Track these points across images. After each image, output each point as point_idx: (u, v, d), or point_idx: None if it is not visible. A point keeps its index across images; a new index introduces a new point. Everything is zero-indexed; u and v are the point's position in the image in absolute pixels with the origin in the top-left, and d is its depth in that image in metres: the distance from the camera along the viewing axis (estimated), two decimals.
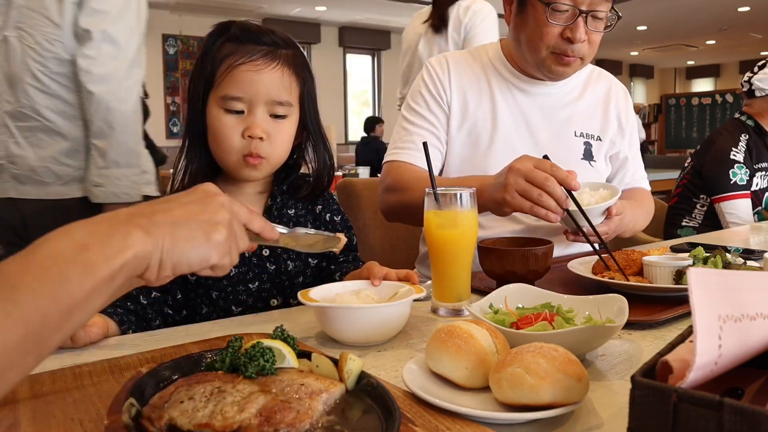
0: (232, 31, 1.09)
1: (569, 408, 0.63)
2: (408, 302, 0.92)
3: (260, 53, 1.06)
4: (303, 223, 1.20)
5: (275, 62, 1.07)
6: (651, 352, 0.80)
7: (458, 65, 1.60)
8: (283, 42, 1.10)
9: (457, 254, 1.06)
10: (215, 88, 1.07)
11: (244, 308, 1.13)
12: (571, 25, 1.38)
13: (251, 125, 1.06)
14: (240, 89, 1.05)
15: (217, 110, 1.07)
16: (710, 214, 2.57)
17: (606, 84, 1.67)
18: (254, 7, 9.41)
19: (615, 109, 1.65)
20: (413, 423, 0.63)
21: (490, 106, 1.55)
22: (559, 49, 1.42)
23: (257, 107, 1.06)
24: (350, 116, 11.68)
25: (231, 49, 1.07)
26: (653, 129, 11.77)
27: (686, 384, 0.44)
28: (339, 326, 0.89)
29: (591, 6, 1.37)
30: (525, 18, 1.45)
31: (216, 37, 1.10)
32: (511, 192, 1.20)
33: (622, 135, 1.66)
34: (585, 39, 1.40)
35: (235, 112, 1.06)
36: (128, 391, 0.60)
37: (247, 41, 1.07)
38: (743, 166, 2.52)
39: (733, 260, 1.18)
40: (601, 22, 1.42)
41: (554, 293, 0.95)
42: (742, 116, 2.67)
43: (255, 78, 1.05)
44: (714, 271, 0.48)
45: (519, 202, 1.19)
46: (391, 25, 10.78)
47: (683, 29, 11.76)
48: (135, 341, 0.95)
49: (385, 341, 0.92)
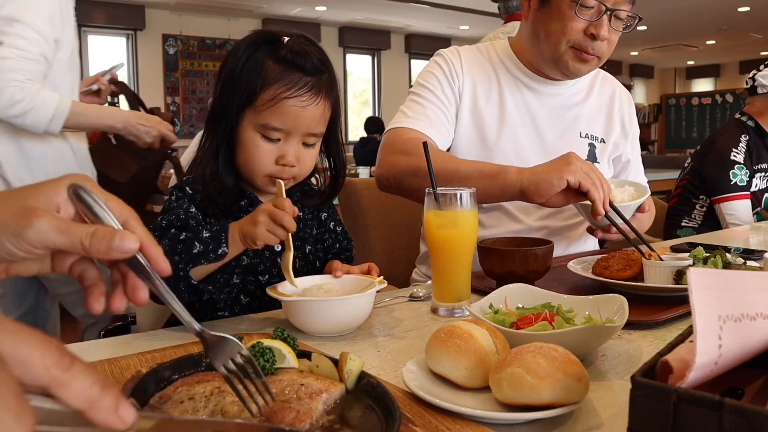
0: (282, 52, 1.06)
1: (569, 408, 0.63)
2: (371, 294, 0.97)
3: (306, 87, 1.06)
4: (309, 226, 1.21)
5: (318, 97, 1.07)
6: (651, 352, 0.81)
7: (470, 58, 1.60)
8: (323, 64, 1.09)
9: (457, 254, 1.06)
10: (255, 111, 1.06)
11: (251, 299, 1.14)
12: (595, 22, 1.39)
13: (286, 154, 1.08)
14: (283, 123, 1.06)
15: (253, 133, 1.07)
16: (710, 215, 2.57)
17: (611, 87, 1.69)
18: (254, 7, 9.40)
19: (619, 113, 1.66)
20: (413, 423, 0.63)
21: (498, 101, 1.56)
22: (580, 45, 1.42)
23: (294, 138, 1.08)
24: (350, 116, 11.68)
25: (277, 74, 1.05)
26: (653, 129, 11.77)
27: (686, 384, 0.44)
28: (304, 318, 0.94)
29: (615, 5, 1.39)
30: (548, 12, 1.45)
31: (257, 48, 1.07)
32: (575, 168, 1.21)
33: (626, 138, 1.68)
34: (607, 37, 1.41)
35: (272, 141, 1.08)
36: (128, 392, 0.60)
37: (295, 66, 1.06)
38: (743, 167, 2.52)
39: (733, 260, 1.18)
40: (621, 22, 1.43)
41: (554, 293, 0.95)
42: (743, 117, 2.67)
43: (299, 113, 1.06)
44: (714, 271, 0.48)
45: (582, 176, 1.20)
46: (391, 25, 10.78)
47: (683, 29, 11.75)
48: (135, 341, 0.95)
49: (350, 331, 0.97)
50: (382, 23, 10.87)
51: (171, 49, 9.37)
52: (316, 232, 1.23)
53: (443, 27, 10.88)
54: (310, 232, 1.21)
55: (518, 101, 1.56)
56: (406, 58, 11.83)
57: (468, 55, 1.60)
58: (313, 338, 0.94)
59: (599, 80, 1.68)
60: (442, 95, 1.54)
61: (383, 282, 1.00)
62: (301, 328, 0.95)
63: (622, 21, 1.43)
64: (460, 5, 9.08)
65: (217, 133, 1.10)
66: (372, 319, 1.04)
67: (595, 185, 1.20)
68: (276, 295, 0.96)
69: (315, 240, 1.22)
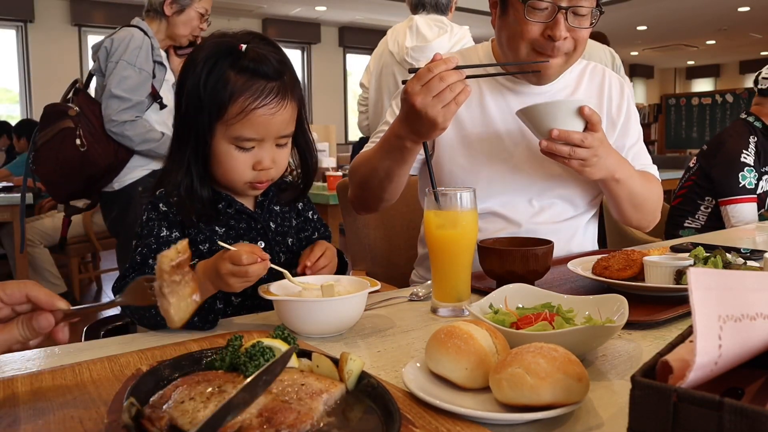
0: (243, 62, 1.06)
1: (569, 408, 0.63)
2: (362, 295, 0.97)
3: (272, 93, 1.06)
4: (288, 218, 1.23)
5: (285, 100, 1.08)
6: (651, 352, 0.81)
7: None
8: (283, 66, 1.09)
9: (457, 254, 1.06)
10: (226, 125, 1.06)
11: (243, 298, 1.14)
12: (550, 23, 1.35)
13: (262, 159, 1.09)
14: (255, 132, 1.07)
15: (227, 146, 1.08)
16: (713, 216, 2.55)
17: (599, 78, 1.63)
18: (254, 7, 9.40)
19: (607, 102, 1.60)
20: (413, 424, 0.63)
21: (478, 105, 1.54)
22: (541, 48, 1.39)
23: (267, 143, 1.09)
24: (350, 116, 11.67)
25: (241, 85, 1.05)
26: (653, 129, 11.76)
27: (686, 384, 0.44)
28: (295, 318, 0.94)
29: (572, 2, 1.34)
30: (506, 19, 1.43)
31: (217, 60, 1.06)
32: (418, 99, 1.16)
33: (613, 127, 1.60)
34: (566, 36, 1.36)
35: (247, 150, 1.08)
36: (128, 391, 0.60)
37: (257, 74, 1.06)
38: (753, 170, 2.49)
39: (733, 260, 1.18)
40: (585, 19, 1.38)
41: (554, 293, 0.95)
42: (749, 117, 2.62)
43: (270, 120, 1.07)
44: (714, 271, 0.48)
45: (430, 101, 1.16)
46: (391, 25, 10.73)
47: (683, 29, 11.75)
48: (135, 339, 0.95)
49: (340, 333, 0.97)
50: (382, 23, 10.85)
51: None
52: (296, 222, 1.25)
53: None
54: (290, 225, 1.23)
55: (501, 106, 1.54)
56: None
57: None
58: (313, 338, 0.94)
59: (588, 72, 1.62)
60: None
61: (376, 284, 1.00)
62: (292, 328, 0.95)
63: (586, 17, 1.38)
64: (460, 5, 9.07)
65: (187, 149, 1.10)
66: (372, 319, 1.04)
67: (434, 105, 1.15)
68: (267, 295, 0.96)
69: (296, 230, 1.24)
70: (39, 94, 8.29)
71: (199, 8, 2.73)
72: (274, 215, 1.21)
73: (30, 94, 8.33)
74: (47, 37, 8.38)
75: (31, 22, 8.26)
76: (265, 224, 1.18)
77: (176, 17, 2.70)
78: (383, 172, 1.38)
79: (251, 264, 0.92)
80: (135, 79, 2.54)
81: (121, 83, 2.51)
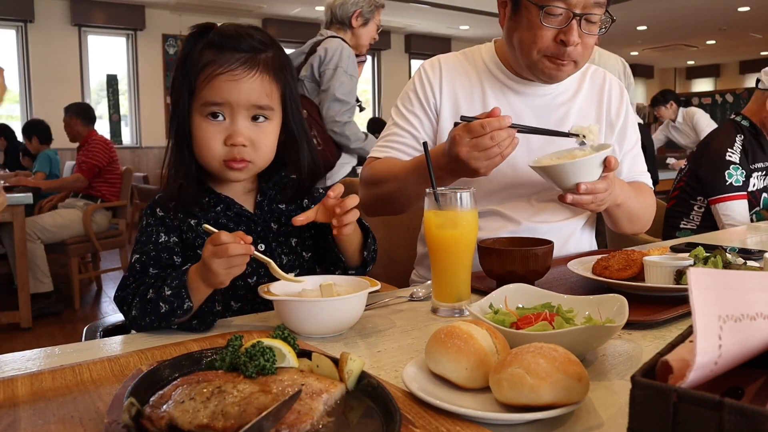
0: (210, 36, 1.07)
1: (569, 408, 0.63)
2: (362, 295, 0.97)
3: (239, 61, 1.05)
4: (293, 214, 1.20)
5: (254, 70, 1.06)
6: (651, 352, 0.81)
7: (451, 69, 1.60)
8: (263, 45, 1.09)
9: (457, 254, 1.06)
10: (196, 96, 1.07)
11: (243, 303, 1.14)
12: (564, 29, 1.36)
13: (233, 133, 1.07)
14: (219, 97, 1.05)
15: (199, 118, 1.07)
16: (708, 216, 2.56)
17: (600, 81, 1.65)
18: (254, 7, 9.41)
19: (607, 106, 1.62)
20: (413, 424, 0.63)
21: (481, 105, 1.55)
22: (552, 53, 1.40)
23: (238, 114, 1.07)
24: None
25: (210, 57, 1.06)
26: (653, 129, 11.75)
27: (686, 384, 0.44)
28: (294, 318, 0.94)
29: (585, 9, 1.35)
30: (518, 21, 1.43)
31: (194, 40, 1.09)
32: (465, 149, 1.20)
33: (612, 131, 1.62)
34: (579, 42, 1.38)
35: (217, 120, 1.07)
36: (128, 391, 0.60)
37: (227, 48, 1.06)
38: (739, 167, 2.51)
39: (733, 260, 1.18)
40: (595, 26, 1.40)
41: (554, 293, 0.95)
42: (737, 117, 2.66)
43: (234, 87, 1.05)
44: (714, 271, 0.48)
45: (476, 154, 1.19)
46: (391, 25, 10.77)
47: (683, 29, 11.74)
48: (135, 339, 0.95)
49: (339, 333, 0.97)
50: (382, 23, 10.87)
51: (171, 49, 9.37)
52: None
53: (443, 27, 10.87)
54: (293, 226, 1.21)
55: (503, 104, 1.55)
56: (406, 58, 11.82)
57: (450, 65, 1.60)
58: (312, 338, 0.94)
59: (589, 75, 1.64)
60: (413, 117, 1.58)
61: (376, 284, 1.00)
62: (292, 328, 0.94)
63: (596, 24, 1.40)
64: (460, 5, 9.08)
65: (180, 138, 1.10)
66: (372, 319, 1.04)
67: (479, 159, 1.20)
68: (267, 295, 0.96)
69: (300, 230, 1.20)
70: (39, 94, 8.30)
71: (377, 20, 3.17)
72: (276, 215, 1.19)
73: (30, 94, 8.33)
74: (47, 37, 8.38)
75: (31, 22, 8.26)
76: (265, 226, 1.17)
77: (361, 29, 3.14)
78: (414, 193, 1.40)
79: (231, 243, 0.91)
80: (349, 85, 2.94)
81: (341, 88, 2.91)
